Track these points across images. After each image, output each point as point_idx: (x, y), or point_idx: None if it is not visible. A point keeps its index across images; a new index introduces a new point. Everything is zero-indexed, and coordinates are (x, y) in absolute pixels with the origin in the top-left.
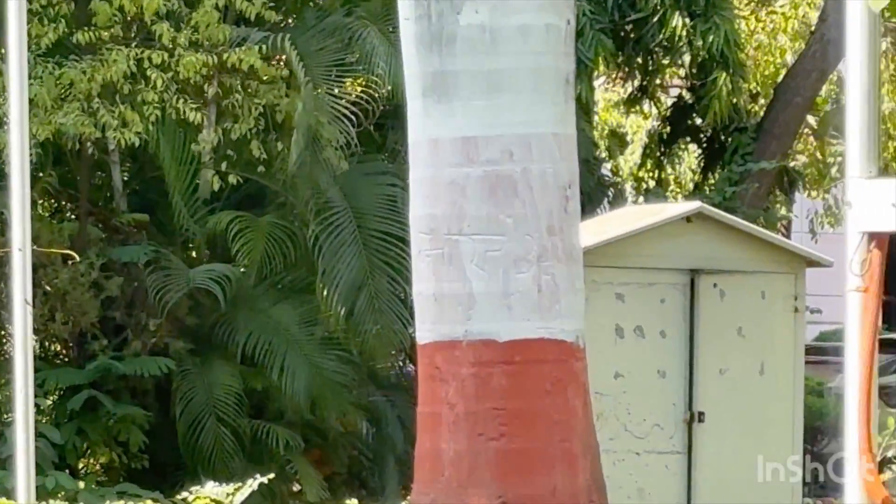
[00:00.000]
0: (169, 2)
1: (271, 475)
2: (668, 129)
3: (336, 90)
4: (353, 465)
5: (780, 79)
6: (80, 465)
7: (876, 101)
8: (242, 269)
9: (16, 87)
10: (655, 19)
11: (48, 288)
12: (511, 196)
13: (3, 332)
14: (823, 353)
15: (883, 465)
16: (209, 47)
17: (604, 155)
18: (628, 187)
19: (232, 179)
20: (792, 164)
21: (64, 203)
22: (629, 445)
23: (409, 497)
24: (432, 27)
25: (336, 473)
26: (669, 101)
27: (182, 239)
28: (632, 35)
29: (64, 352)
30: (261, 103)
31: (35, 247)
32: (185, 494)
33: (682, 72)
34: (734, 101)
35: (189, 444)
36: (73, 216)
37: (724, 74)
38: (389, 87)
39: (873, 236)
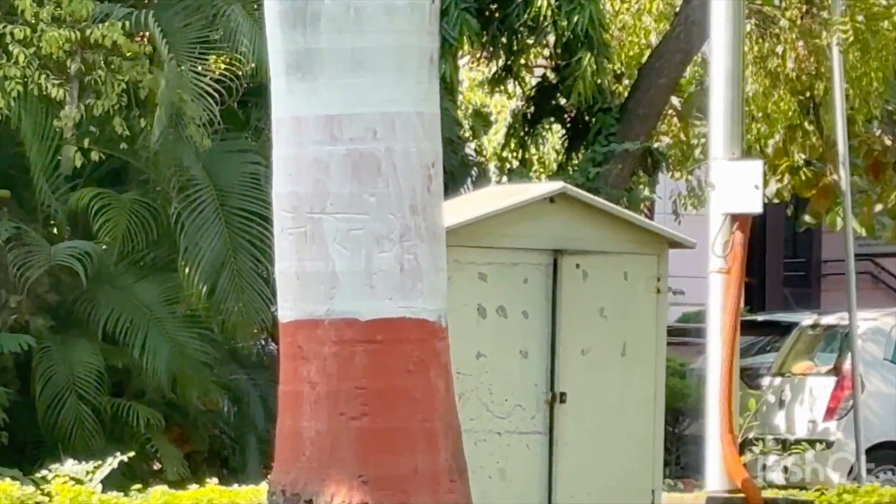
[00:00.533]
0: None
1: (131, 453)
2: (533, 109)
3: (200, 67)
4: (214, 444)
5: (644, 60)
6: None
7: (740, 83)
8: (104, 247)
9: None
10: None
11: None
12: (374, 175)
13: None
14: (685, 334)
15: (744, 446)
16: (72, 23)
17: (468, 134)
18: (492, 167)
19: (94, 156)
20: (656, 145)
21: None
22: (490, 425)
23: (269, 476)
24: (296, 5)
25: (197, 452)
26: (534, 82)
27: (43, 215)
28: (497, 14)
29: None
30: (124, 80)
31: None
32: (44, 472)
33: (546, 52)
34: (598, 81)
35: (49, 422)
36: None
37: (589, 55)
38: (253, 65)
39: (736, 218)
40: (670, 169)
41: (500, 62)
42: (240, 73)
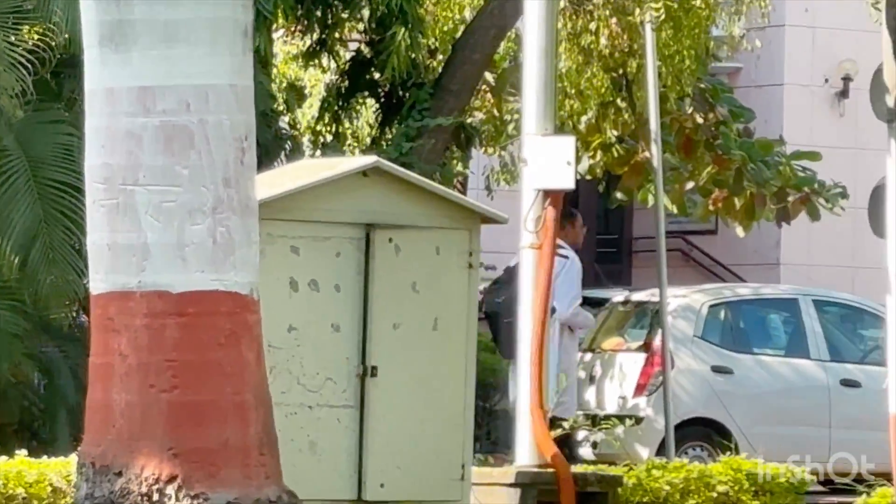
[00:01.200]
0: None
1: None
2: (347, 83)
3: (12, 37)
4: (24, 416)
5: (458, 35)
6: None
7: (552, 59)
8: None
9: None
10: None
11: None
12: (187, 147)
13: None
14: None
15: (553, 421)
16: None
17: (282, 108)
18: (306, 141)
19: None
20: (469, 120)
21: None
22: (301, 399)
23: (79, 448)
24: None
25: (6, 424)
26: (348, 56)
27: None
28: None
29: None
30: None
31: None
32: None
33: (361, 26)
34: (413, 56)
35: None
36: None
37: (403, 30)
38: (67, 36)
39: (548, 194)
40: (483, 144)
41: (315, 36)
42: (53, 43)
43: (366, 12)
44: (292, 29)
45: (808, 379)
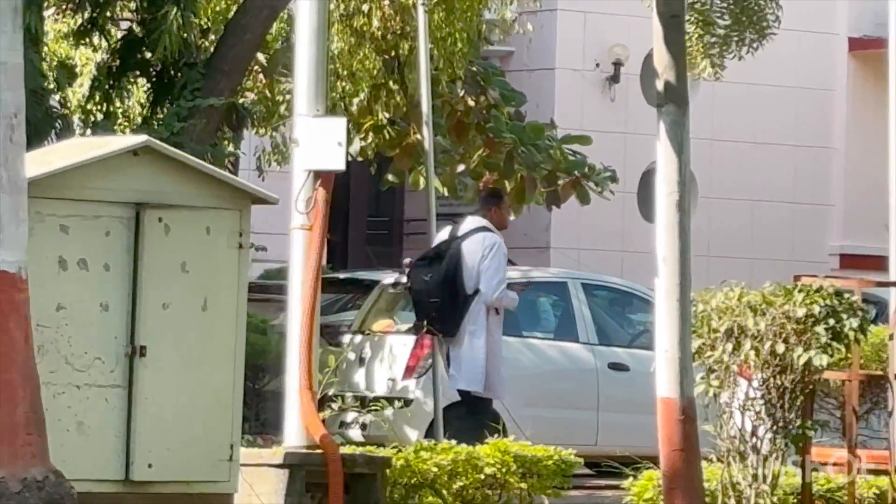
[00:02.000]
0: None
1: None
2: (118, 62)
3: None
4: None
5: (231, 15)
6: None
7: (324, 40)
8: None
9: None
10: None
11: None
12: None
13: None
14: (267, 290)
15: (323, 402)
16: None
17: (52, 86)
18: (76, 119)
19: None
20: (241, 101)
21: None
22: (69, 378)
23: None
24: None
25: None
26: (120, 35)
27: None
28: None
29: None
30: None
31: None
32: None
33: (133, 5)
34: (185, 36)
35: None
36: None
37: (175, 9)
38: None
39: (319, 175)
40: (255, 125)
41: (86, 14)
42: None
43: None
44: (63, 7)
45: (576, 362)
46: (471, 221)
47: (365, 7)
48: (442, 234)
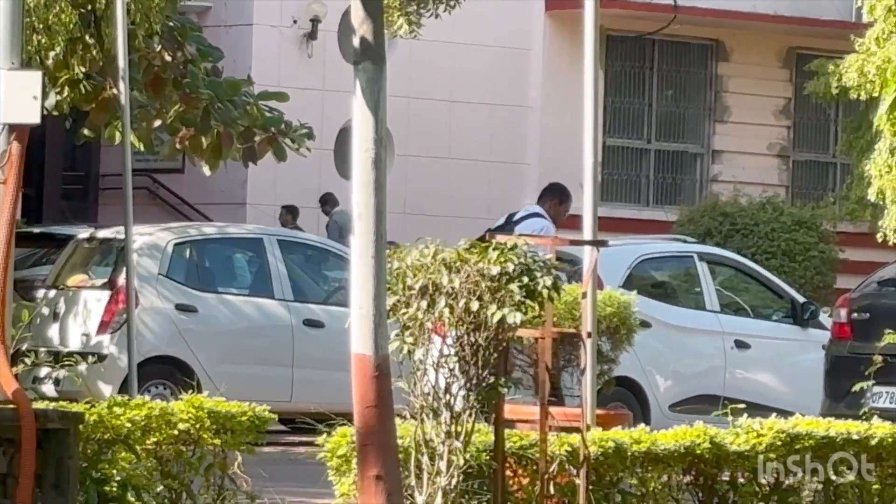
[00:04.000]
0: None
1: None
2: None
3: None
4: None
5: None
6: None
7: None
8: None
9: None
10: None
11: None
12: None
13: None
14: None
15: (16, 357)
16: None
17: None
18: None
19: None
20: None
21: None
22: None
23: None
24: None
25: None
26: None
27: None
28: None
29: None
30: None
31: None
32: None
33: None
34: None
35: None
36: None
37: None
38: None
39: (14, 128)
40: None
41: None
42: None
43: None
44: None
45: (271, 318)
46: (528, 208)
47: None
48: (501, 219)
